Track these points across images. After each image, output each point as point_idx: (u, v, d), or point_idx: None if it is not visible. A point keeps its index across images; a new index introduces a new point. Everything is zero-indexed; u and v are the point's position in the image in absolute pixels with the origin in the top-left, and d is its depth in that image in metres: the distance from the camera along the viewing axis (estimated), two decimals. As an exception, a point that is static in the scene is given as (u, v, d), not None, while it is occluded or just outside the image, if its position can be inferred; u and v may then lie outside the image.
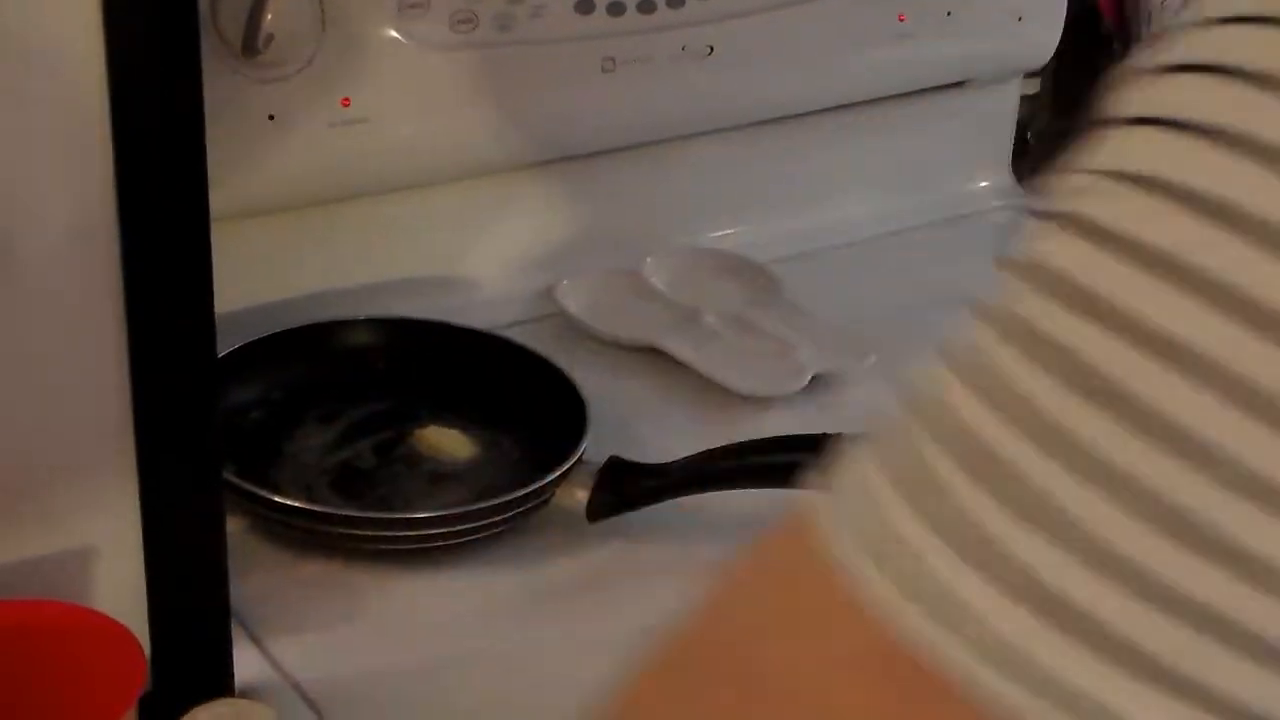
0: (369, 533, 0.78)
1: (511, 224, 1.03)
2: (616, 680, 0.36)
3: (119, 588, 0.62)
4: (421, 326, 0.93)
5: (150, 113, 0.57)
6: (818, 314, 1.01)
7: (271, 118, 0.88)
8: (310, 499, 0.81)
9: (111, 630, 0.59)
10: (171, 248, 0.60)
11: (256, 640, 0.73)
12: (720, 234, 1.11)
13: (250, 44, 0.85)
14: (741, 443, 0.79)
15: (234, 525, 0.79)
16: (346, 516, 0.79)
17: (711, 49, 1.03)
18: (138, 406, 0.60)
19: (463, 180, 0.99)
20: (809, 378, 0.95)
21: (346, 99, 0.90)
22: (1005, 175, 1.26)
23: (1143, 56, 0.35)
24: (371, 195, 0.96)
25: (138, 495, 0.61)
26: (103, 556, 0.62)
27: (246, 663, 0.70)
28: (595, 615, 0.77)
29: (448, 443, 0.87)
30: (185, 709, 0.61)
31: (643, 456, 0.82)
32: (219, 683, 0.65)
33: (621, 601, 0.77)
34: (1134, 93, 0.33)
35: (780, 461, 0.78)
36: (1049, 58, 1.23)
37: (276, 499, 0.78)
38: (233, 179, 0.89)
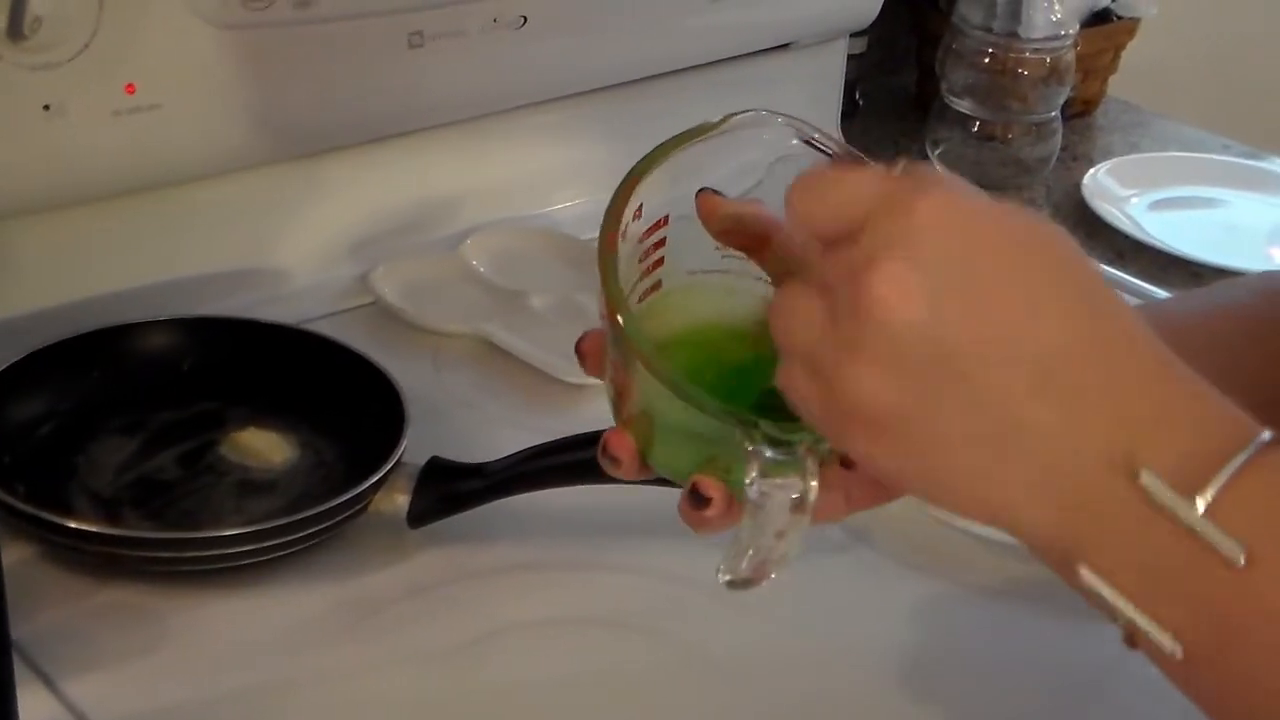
0: (170, 554, 0.73)
1: (320, 210, 0.98)
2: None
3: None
4: (226, 325, 0.87)
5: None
6: (647, 292, 0.98)
7: (47, 108, 0.82)
8: (108, 519, 0.76)
9: None
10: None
11: (47, 680, 0.67)
12: (541, 211, 1.07)
13: (16, 27, 0.78)
14: (567, 438, 0.75)
15: (23, 553, 0.74)
16: (144, 539, 0.74)
17: (525, 19, 0.98)
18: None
19: (264, 166, 0.93)
20: (639, 360, 0.91)
21: (131, 85, 0.84)
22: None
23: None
24: (165, 186, 0.90)
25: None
26: None
27: (36, 707, 0.65)
28: (419, 629, 0.72)
29: (263, 446, 0.81)
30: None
31: (469, 452, 0.78)
32: (2, 734, 0.60)
33: (447, 612, 0.74)
34: None
35: (609, 455, 0.75)
36: (874, 17, 1.21)
37: (67, 523, 0.72)
38: (5, 176, 0.82)
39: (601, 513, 0.78)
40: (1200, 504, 0.42)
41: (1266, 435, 0.43)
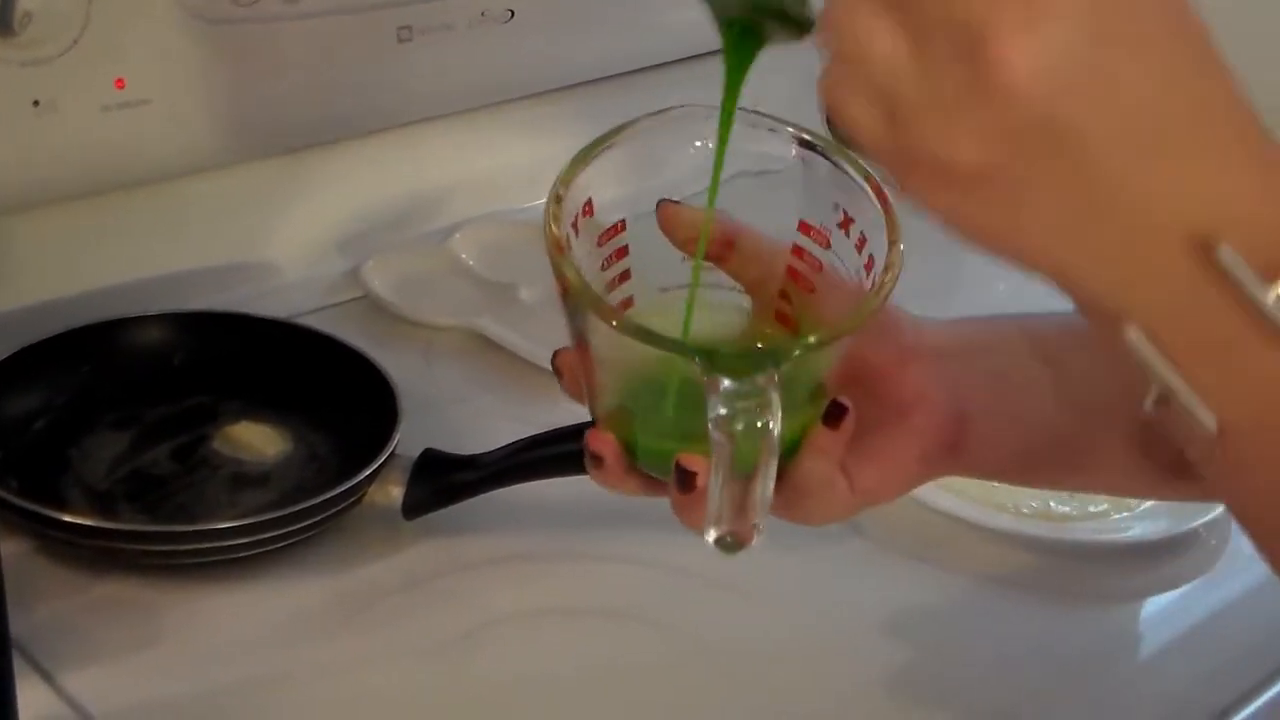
0: (166, 548, 0.73)
1: (310, 204, 0.98)
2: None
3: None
4: (218, 319, 0.87)
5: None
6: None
7: (36, 103, 0.82)
8: (103, 514, 0.76)
9: None
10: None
11: (46, 674, 0.67)
12: (530, 204, 1.07)
13: (5, 23, 0.78)
14: (560, 428, 0.75)
15: (18, 548, 0.74)
16: (139, 532, 0.74)
17: (512, 13, 0.98)
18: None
19: (254, 161, 0.93)
20: (630, 352, 0.91)
21: (120, 80, 0.84)
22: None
23: None
24: (155, 182, 0.90)
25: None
26: None
27: (35, 701, 0.65)
28: (416, 620, 0.73)
29: (256, 439, 0.82)
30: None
31: (461, 445, 0.78)
32: (2, 728, 0.60)
33: (443, 603, 0.74)
34: None
35: (602, 445, 0.75)
36: (858, 9, 1.21)
37: (61, 517, 0.72)
38: (-3, 172, 0.83)
39: (596, 503, 0.77)
40: (1276, 287, 0.41)
41: None
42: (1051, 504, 0.82)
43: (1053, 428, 0.59)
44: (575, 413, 0.76)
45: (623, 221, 0.53)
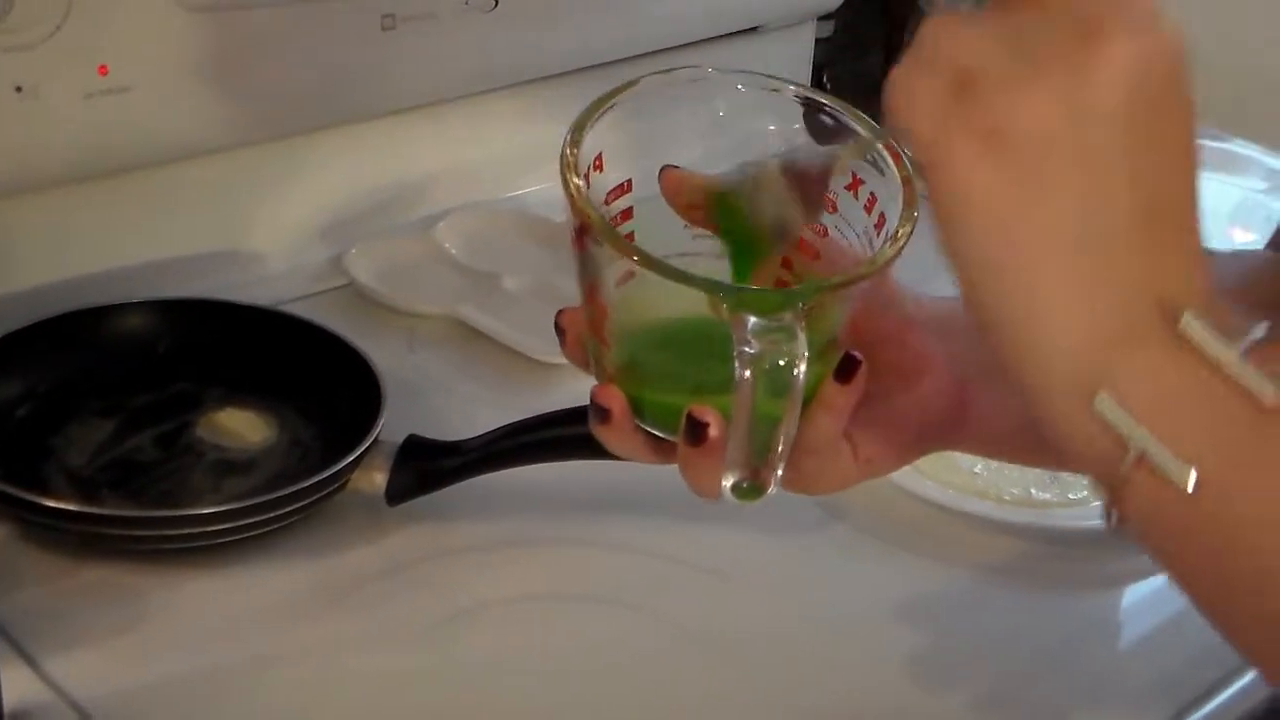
0: (150, 533, 0.73)
1: (293, 193, 0.98)
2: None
3: None
4: (201, 307, 0.87)
5: None
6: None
7: (18, 90, 0.81)
8: (86, 500, 0.76)
9: None
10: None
11: (29, 658, 0.67)
12: (514, 194, 1.07)
13: (-12, 9, 0.78)
14: (542, 415, 0.76)
15: (1, 533, 0.74)
16: (123, 517, 0.74)
17: (496, 2, 0.98)
18: None
19: (237, 149, 0.93)
20: (613, 340, 0.92)
21: (104, 66, 0.84)
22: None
23: None
24: (138, 169, 0.90)
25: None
26: None
27: (18, 684, 0.65)
28: (398, 605, 0.73)
29: (240, 426, 0.82)
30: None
31: (444, 431, 0.78)
32: (-15, 711, 0.60)
33: (426, 589, 0.74)
34: None
35: (583, 433, 0.75)
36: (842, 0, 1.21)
37: (45, 502, 0.72)
38: (-22, 158, 0.83)
39: (578, 489, 0.78)
40: (1238, 347, 0.43)
41: None
42: (1033, 491, 0.82)
43: None
44: (557, 401, 0.77)
45: (630, 180, 0.52)
